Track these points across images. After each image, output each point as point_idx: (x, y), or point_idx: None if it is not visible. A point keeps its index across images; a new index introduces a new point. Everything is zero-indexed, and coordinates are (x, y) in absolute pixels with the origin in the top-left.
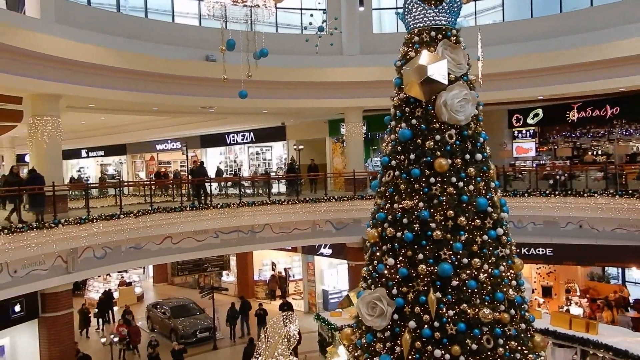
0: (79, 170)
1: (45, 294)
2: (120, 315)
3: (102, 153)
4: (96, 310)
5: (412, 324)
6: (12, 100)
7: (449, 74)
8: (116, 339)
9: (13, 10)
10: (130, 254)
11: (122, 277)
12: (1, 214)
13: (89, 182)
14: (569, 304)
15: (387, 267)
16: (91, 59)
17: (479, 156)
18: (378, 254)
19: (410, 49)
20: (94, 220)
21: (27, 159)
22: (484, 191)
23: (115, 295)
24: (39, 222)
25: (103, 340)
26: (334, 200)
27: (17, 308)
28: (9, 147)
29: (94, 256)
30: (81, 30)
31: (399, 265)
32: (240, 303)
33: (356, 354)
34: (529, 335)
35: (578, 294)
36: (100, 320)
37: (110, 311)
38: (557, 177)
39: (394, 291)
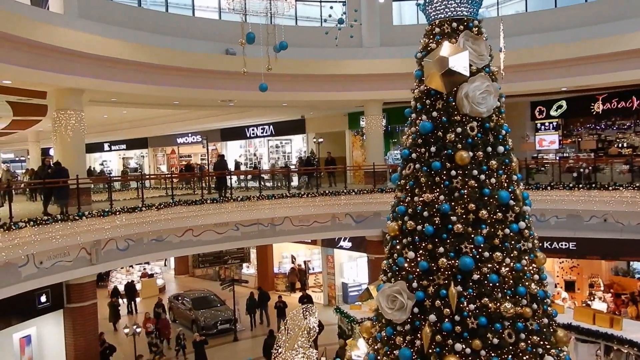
0: (101, 164)
1: (70, 284)
2: (153, 307)
3: (124, 146)
4: (111, 298)
5: (432, 317)
6: (36, 94)
7: (470, 65)
8: (139, 330)
9: (37, 6)
10: (152, 246)
11: (144, 269)
12: (31, 206)
13: (111, 175)
14: (592, 298)
15: (408, 260)
16: (113, 54)
17: (500, 149)
18: (398, 247)
19: (431, 41)
20: (117, 213)
21: (51, 152)
22: (506, 184)
23: (138, 286)
24: (64, 214)
25: (126, 331)
26: (353, 193)
27: (43, 298)
28: (34, 141)
29: (117, 248)
30: (103, 25)
31: (419, 259)
32: (258, 294)
33: (376, 347)
34: (552, 330)
35: (602, 288)
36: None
37: (132, 302)
38: (581, 170)
39: (414, 284)
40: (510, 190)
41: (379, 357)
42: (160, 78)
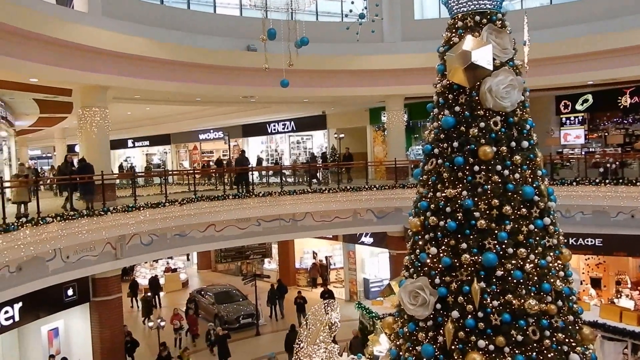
0: (126, 160)
1: (96, 278)
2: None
3: (147, 143)
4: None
5: (455, 313)
6: (62, 92)
7: (494, 59)
8: (163, 323)
9: (62, 5)
10: (175, 241)
11: (168, 264)
12: (57, 201)
13: (135, 171)
14: (619, 296)
15: (430, 256)
16: (136, 51)
17: (525, 144)
18: (420, 242)
19: (453, 35)
20: (141, 208)
21: (77, 149)
22: (530, 179)
23: (162, 281)
24: (89, 209)
25: (150, 324)
26: (375, 189)
27: (70, 292)
28: (60, 138)
29: (141, 243)
30: (127, 23)
31: (441, 255)
32: (277, 285)
33: (398, 343)
34: (577, 327)
35: (629, 286)
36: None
37: (157, 296)
38: (608, 165)
39: (437, 280)
40: (534, 185)
41: (401, 353)
42: (182, 75)
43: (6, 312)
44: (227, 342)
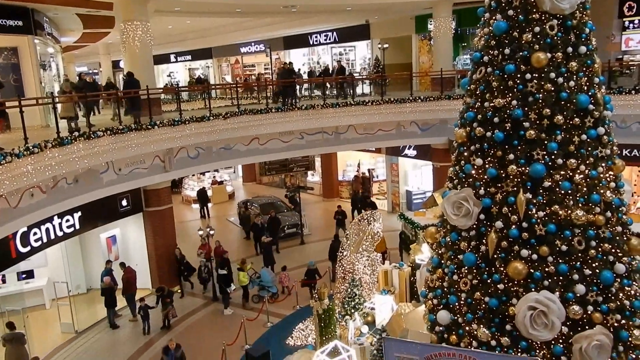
0: (169, 75)
1: (147, 190)
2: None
3: (189, 57)
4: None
5: (498, 224)
6: (103, 6)
7: None
8: (212, 232)
9: None
10: (220, 154)
11: (214, 177)
12: (102, 117)
13: (179, 86)
14: None
15: (475, 167)
16: None
17: (582, 49)
18: (466, 154)
19: None
20: (186, 122)
21: (121, 64)
22: (586, 87)
23: (209, 193)
24: (137, 124)
25: (200, 232)
26: (419, 100)
27: (124, 202)
28: (104, 54)
29: (188, 156)
30: None
31: (487, 166)
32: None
33: (440, 252)
34: (625, 238)
35: None
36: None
37: (205, 207)
38: None
39: (481, 191)
40: (590, 93)
41: (442, 261)
42: None
43: (67, 220)
44: (272, 250)
